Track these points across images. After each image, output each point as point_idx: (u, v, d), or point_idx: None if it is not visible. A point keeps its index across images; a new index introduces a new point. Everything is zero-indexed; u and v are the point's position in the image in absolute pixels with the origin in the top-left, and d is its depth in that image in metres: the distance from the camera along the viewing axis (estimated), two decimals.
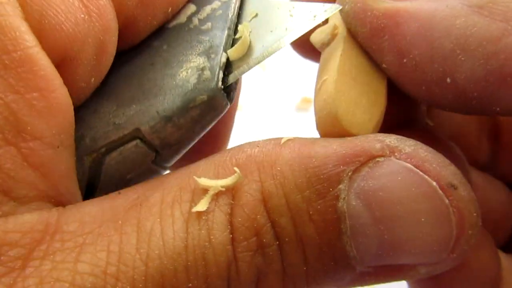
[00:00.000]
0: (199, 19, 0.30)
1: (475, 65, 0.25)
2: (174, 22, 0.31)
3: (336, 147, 0.24)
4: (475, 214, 0.24)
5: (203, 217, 0.24)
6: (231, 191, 0.24)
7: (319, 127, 0.27)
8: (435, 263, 0.24)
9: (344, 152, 0.24)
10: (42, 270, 0.22)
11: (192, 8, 0.31)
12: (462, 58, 0.25)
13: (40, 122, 0.23)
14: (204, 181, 0.24)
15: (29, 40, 0.23)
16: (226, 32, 0.29)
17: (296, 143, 0.25)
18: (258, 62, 0.29)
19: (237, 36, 0.30)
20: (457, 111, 0.28)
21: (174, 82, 0.28)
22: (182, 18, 0.31)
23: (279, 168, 0.24)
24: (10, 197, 0.23)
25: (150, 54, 0.30)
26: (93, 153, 0.27)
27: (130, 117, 0.27)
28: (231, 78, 0.28)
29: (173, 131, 0.27)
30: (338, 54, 0.28)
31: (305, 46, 0.34)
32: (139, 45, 0.30)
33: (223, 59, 0.28)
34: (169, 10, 0.30)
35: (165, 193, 0.25)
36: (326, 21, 0.31)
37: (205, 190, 0.24)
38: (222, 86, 0.28)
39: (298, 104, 0.80)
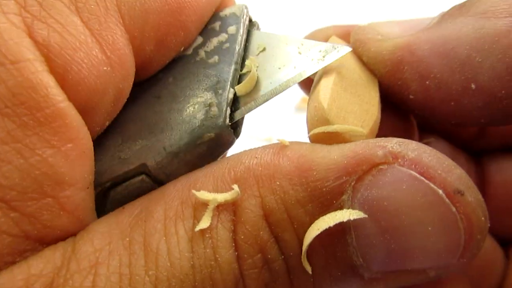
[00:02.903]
0: (205, 52, 0.30)
1: (494, 62, 0.25)
2: (180, 54, 0.30)
3: (337, 157, 0.24)
4: (483, 218, 0.23)
5: (207, 235, 0.24)
6: (232, 207, 0.24)
7: (311, 134, 0.27)
8: (444, 267, 0.24)
9: (345, 162, 0.23)
10: None
11: (198, 40, 0.31)
12: (480, 60, 0.25)
13: (75, 170, 0.24)
14: (203, 195, 0.24)
15: (59, 94, 0.23)
16: (233, 66, 0.29)
17: (294, 152, 0.25)
18: (266, 100, 0.28)
19: (244, 71, 0.30)
20: (493, 122, 0.27)
21: (181, 118, 0.28)
22: (189, 50, 0.31)
23: (278, 183, 0.24)
24: (42, 243, 0.24)
25: (155, 86, 0.30)
26: (98, 187, 0.27)
27: (136, 152, 0.27)
28: (238, 115, 0.28)
29: (179, 166, 0.27)
30: (328, 72, 0.29)
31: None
32: None
33: (231, 95, 0.28)
34: (182, 49, 0.30)
35: (167, 207, 0.25)
36: None
37: (205, 205, 0.24)
38: (230, 123, 0.27)
39: (297, 104, 0.80)
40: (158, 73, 0.30)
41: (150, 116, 0.28)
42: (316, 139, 0.26)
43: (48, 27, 0.23)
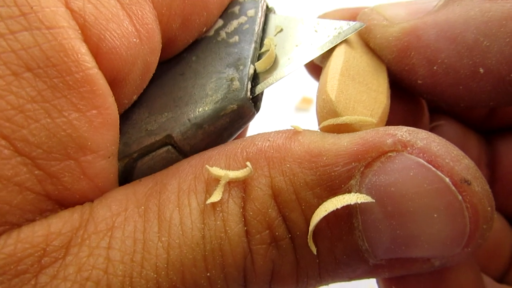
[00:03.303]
0: (226, 33, 0.32)
1: (502, 46, 0.25)
2: (203, 35, 0.32)
3: (347, 143, 0.24)
4: (489, 209, 0.23)
5: (218, 209, 0.24)
6: (242, 184, 0.25)
7: (320, 126, 0.27)
8: (449, 256, 0.24)
9: (355, 149, 0.24)
10: (80, 257, 0.23)
11: (219, 22, 0.32)
12: (487, 44, 0.25)
13: (98, 137, 0.25)
14: (215, 171, 0.25)
15: (89, 61, 0.24)
16: (253, 45, 0.30)
17: (306, 138, 0.25)
18: (284, 75, 0.30)
19: (263, 49, 0.31)
20: (502, 104, 0.28)
21: (205, 92, 0.29)
22: (210, 31, 0.32)
23: (288, 165, 0.24)
24: (60, 205, 0.25)
25: (180, 64, 0.31)
26: (125, 158, 0.28)
27: (162, 124, 0.28)
28: (258, 89, 0.29)
29: (203, 138, 0.28)
30: (336, 59, 0.29)
31: (310, 66, 0.36)
32: None
33: (251, 71, 0.29)
34: (204, 29, 0.32)
35: (181, 181, 0.25)
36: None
37: (217, 180, 0.25)
38: (251, 96, 0.28)
39: (298, 104, 0.80)
40: (182, 53, 0.31)
41: (175, 91, 0.29)
42: (327, 130, 0.27)
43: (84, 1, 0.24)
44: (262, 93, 0.30)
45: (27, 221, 0.24)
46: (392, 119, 0.30)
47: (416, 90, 0.30)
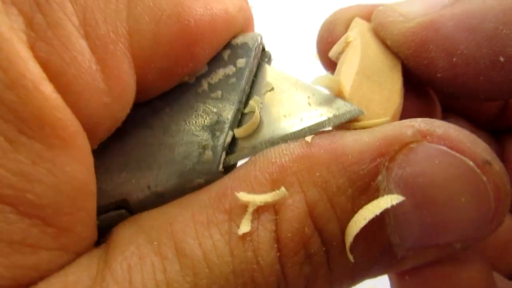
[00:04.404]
0: (209, 84, 0.28)
1: None
2: (182, 81, 0.28)
3: (369, 139, 0.24)
4: (508, 186, 0.24)
5: (247, 238, 0.23)
6: (273, 207, 0.23)
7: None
8: (472, 238, 0.24)
9: (377, 143, 0.24)
10: None
11: (204, 68, 0.28)
12: (507, 32, 0.25)
13: (94, 181, 0.24)
14: (243, 196, 0.23)
15: (71, 114, 0.22)
16: (235, 107, 0.27)
17: (324, 140, 0.25)
18: (265, 148, 0.26)
19: (246, 110, 0.27)
20: None
21: (172, 156, 0.26)
22: (191, 78, 0.28)
23: (318, 174, 0.24)
24: (78, 254, 0.24)
25: (150, 115, 0.27)
26: None
27: (119, 185, 0.26)
28: (233, 159, 0.26)
29: (160, 204, 0.26)
30: (352, 56, 0.29)
31: (326, 60, 0.35)
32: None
33: (228, 139, 0.26)
34: (186, 78, 0.28)
35: (194, 212, 0.24)
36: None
37: (241, 209, 0.23)
38: (223, 170, 0.26)
39: None
40: (154, 100, 0.28)
41: (139, 148, 0.27)
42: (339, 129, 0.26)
43: (52, 49, 0.22)
44: (236, 163, 0.27)
45: (44, 277, 0.23)
46: (405, 115, 0.30)
47: (435, 84, 0.29)
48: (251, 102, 0.27)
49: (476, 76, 0.27)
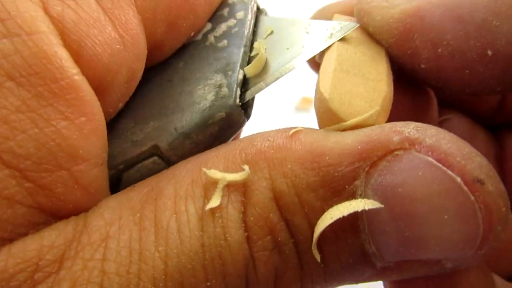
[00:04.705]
0: (215, 37, 0.30)
1: None
2: (190, 40, 0.31)
3: (351, 141, 0.23)
4: (504, 209, 0.22)
5: (217, 214, 0.23)
6: (242, 188, 0.24)
7: (320, 127, 0.26)
8: (461, 258, 0.23)
9: (359, 147, 0.23)
10: (74, 271, 0.22)
11: (208, 26, 0.31)
12: (497, 23, 0.24)
13: (89, 145, 0.24)
14: (213, 173, 0.24)
15: (73, 67, 0.23)
16: (242, 49, 0.29)
17: (307, 136, 0.24)
18: (275, 80, 0.28)
19: (252, 53, 0.30)
20: (509, 90, 0.26)
21: (192, 99, 0.28)
22: (198, 35, 0.31)
23: (289, 166, 0.23)
24: (55, 217, 0.24)
25: (167, 71, 0.30)
26: (111, 170, 0.26)
27: (148, 134, 0.27)
28: (248, 95, 0.28)
29: (191, 148, 0.27)
30: (328, 55, 0.28)
31: (312, 62, 0.34)
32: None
33: (240, 76, 0.28)
34: (192, 34, 0.30)
35: (177, 186, 0.24)
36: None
37: (214, 184, 0.24)
38: (240, 103, 0.27)
39: (298, 104, 0.79)
40: (169, 59, 0.30)
41: (162, 99, 0.28)
42: (329, 128, 0.26)
43: (62, 3, 0.23)
44: (253, 99, 0.29)
45: (20, 235, 0.23)
46: (399, 110, 0.28)
47: (419, 75, 0.28)
48: (255, 44, 0.30)
49: (462, 69, 0.26)
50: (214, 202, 0.23)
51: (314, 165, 0.23)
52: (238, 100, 0.27)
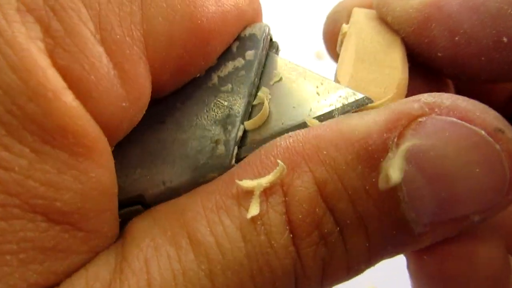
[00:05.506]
0: (219, 77, 0.28)
1: None
2: None
3: (374, 116, 0.24)
4: None
5: (258, 222, 0.23)
6: (281, 189, 0.23)
7: None
8: (489, 208, 0.24)
9: (384, 118, 0.23)
10: None
11: (213, 61, 0.29)
12: (511, 12, 0.25)
13: (114, 182, 0.24)
14: (246, 183, 0.23)
15: (93, 124, 0.23)
16: (246, 100, 0.27)
17: (330, 121, 0.25)
18: (274, 138, 0.26)
19: (255, 102, 0.28)
20: None
21: (185, 152, 0.26)
22: (201, 71, 0.29)
23: (325, 152, 0.24)
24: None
25: (161, 110, 0.28)
26: None
27: (134, 181, 0.27)
28: (244, 151, 0.27)
29: None
30: (348, 47, 0.29)
31: (334, 53, 0.35)
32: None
33: (240, 133, 0.27)
34: (198, 75, 0.29)
35: (203, 200, 0.24)
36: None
37: (249, 193, 0.23)
38: (235, 163, 0.26)
39: None
40: (166, 95, 0.28)
41: (152, 144, 0.27)
42: None
43: (71, 56, 0.22)
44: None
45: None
46: None
47: (436, 63, 0.29)
48: (259, 93, 0.28)
49: (478, 57, 0.27)
50: (254, 210, 0.23)
51: (347, 142, 0.23)
52: (234, 161, 0.26)
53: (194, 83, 0.28)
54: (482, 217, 0.24)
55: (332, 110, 0.27)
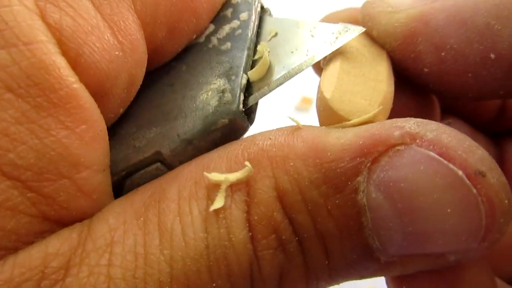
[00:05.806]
0: (218, 39, 0.30)
1: None
2: (193, 42, 0.30)
3: (352, 137, 0.23)
4: (506, 201, 0.22)
5: (221, 215, 0.23)
6: (245, 187, 0.24)
7: (321, 125, 0.27)
8: (465, 251, 0.23)
9: (361, 142, 0.23)
10: (80, 278, 0.22)
11: (210, 27, 0.31)
12: (499, 27, 0.24)
13: (90, 152, 0.24)
14: (214, 176, 0.24)
15: (71, 76, 0.23)
16: (245, 52, 0.29)
17: (309, 133, 0.24)
18: (280, 84, 0.28)
19: (256, 56, 0.29)
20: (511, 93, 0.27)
21: (195, 105, 0.27)
22: (201, 37, 0.30)
23: (292, 164, 0.23)
24: (59, 225, 0.24)
25: (169, 74, 0.30)
26: (113, 176, 0.26)
27: (150, 140, 0.27)
28: (252, 100, 0.28)
29: (194, 154, 0.27)
30: (332, 60, 0.29)
31: (317, 67, 0.34)
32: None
33: (244, 81, 0.28)
34: (194, 37, 0.30)
35: (180, 188, 0.24)
36: None
37: (218, 186, 0.24)
38: (243, 109, 0.27)
39: (298, 104, 0.79)
40: (171, 62, 0.30)
41: (164, 104, 0.28)
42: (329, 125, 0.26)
43: (60, 11, 0.23)
44: (256, 104, 0.29)
45: (24, 244, 0.23)
46: (402, 115, 0.28)
47: (421, 79, 0.28)
48: (258, 47, 0.29)
49: (465, 73, 0.26)
50: (218, 203, 0.23)
51: (316, 161, 0.23)
52: (241, 106, 0.27)
53: (196, 47, 0.30)
54: (458, 258, 0.23)
55: (328, 46, 0.28)
